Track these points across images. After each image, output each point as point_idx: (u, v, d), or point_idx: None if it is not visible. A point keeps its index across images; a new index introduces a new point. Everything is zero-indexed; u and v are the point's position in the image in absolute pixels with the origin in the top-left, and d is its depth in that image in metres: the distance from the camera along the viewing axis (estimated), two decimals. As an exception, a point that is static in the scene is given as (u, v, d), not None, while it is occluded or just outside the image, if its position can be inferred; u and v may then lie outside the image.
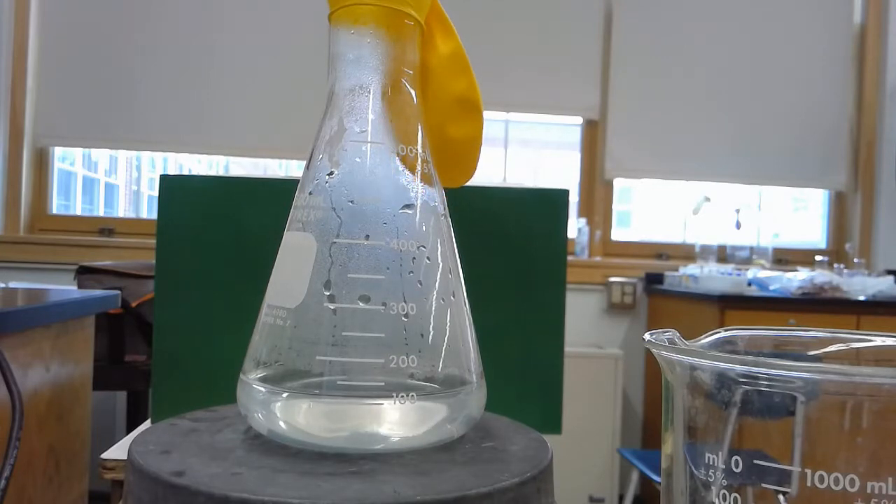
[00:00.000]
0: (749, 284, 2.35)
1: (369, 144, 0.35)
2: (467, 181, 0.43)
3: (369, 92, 0.35)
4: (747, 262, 2.76)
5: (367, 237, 0.33)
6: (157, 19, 2.51)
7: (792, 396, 0.27)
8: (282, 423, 0.33)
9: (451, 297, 0.35)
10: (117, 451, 0.69)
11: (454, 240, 0.37)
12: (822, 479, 0.27)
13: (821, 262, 2.65)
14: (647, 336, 0.31)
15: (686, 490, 0.32)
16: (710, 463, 0.30)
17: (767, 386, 0.27)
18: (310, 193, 0.35)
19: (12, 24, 2.45)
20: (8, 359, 0.70)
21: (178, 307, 0.65)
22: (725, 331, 0.36)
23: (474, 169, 0.42)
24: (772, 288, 2.33)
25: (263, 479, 0.29)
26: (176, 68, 2.52)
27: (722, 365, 0.28)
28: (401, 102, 0.36)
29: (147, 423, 0.70)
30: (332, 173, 0.35)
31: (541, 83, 2.69)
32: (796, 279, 2.30)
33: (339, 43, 0.35)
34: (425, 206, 0.35)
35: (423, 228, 0.34)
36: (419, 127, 0.36)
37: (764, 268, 2.62)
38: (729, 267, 2.51)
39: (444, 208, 0.36)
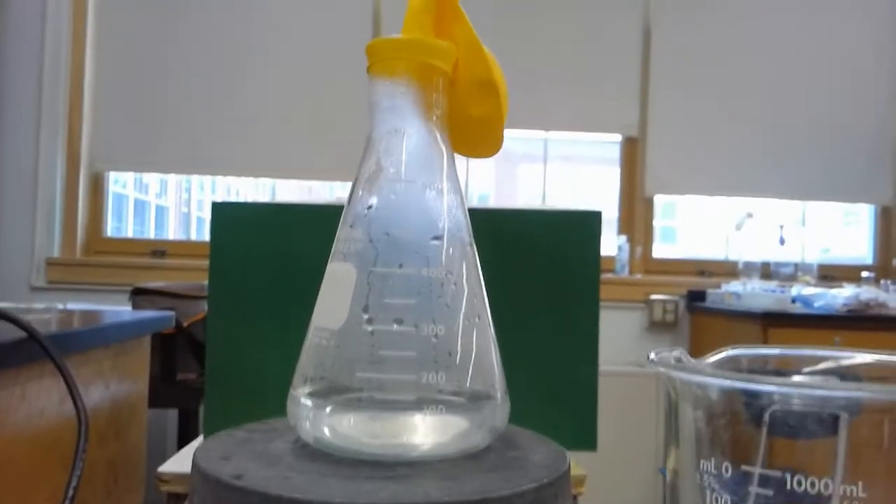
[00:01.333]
0: (793, 301, 2.33)
1: (403, 182, 0.39)
2: (494, 154, 0.46)
3: (403, 135, 0.39)
4: (792, 278, 2.73)
5: (401, 266, 0.37)
6: (205, 47, 2.61)
7: (819, 415, 0.30)
8: (326, 434, 0.36)
9: (477, 319, 0.39)
10: (172, 465, 0.74)
11: (479, 267, 0.40)
12: (856, 493, 0.29)
13: (867, 278, 2.61)
14: (652, 355, 0.34)
15: None
16: (735, 480, 0.32)
17: (799, 406, 0.30)
18: (350, 226, 0.39)
19: (69, 55, 2.56)
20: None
21: (229, 327, 0.70)
22: (731, 349, 0.39)
23: (499, 143, 0.46)
24: (816, 305, 2.31)
25: (311, 482, 0.32)
26: (224, 94, 2.61)
27: (748, 385, 0.30)
28: (431, 143, 0.40)
29: (199, 440, 0.74)
30: (370, 207, 0.39)
31: (580, 101, 2.72)
32: (841, 296, 2.27)
33: (376, 92, 0.40)
34: (452, 237, 0.39)
35: (451, 257, 0.38)
36: (446, 166, 0.40)
37: (808, 284, 2.59)
38: (772, 284, 2.49)
39: (470, 238, 0.40)
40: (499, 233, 0.68)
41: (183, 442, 1.93)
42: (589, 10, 2.72)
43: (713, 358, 0.38)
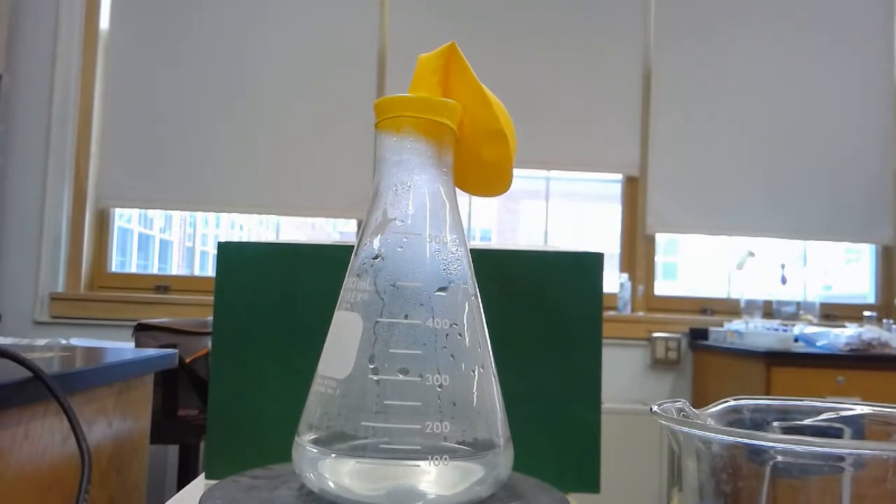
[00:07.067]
0: (795, 340, 2.33)
1: (409, 235, 0.40)
2: (503, 193, 0.48)
3: (409, 188, 0.40)
4: (794, 317, 2.73)
5: (407, 317, 0.38)
6: (209, 86, 2.65)
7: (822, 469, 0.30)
8: (330, 483, 0.37)
9: (481, 369, 0.39)
10: (174, 505, 0.73)
11: (483, 316, 0.41)
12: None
13: (869, 317, 2.61)
14: (655, 407, 0.34)
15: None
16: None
17: (803, 460, 0.30)
18: (357, 276, 0.40)
19: (78, 94, 2.60)
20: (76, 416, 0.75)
21: (233, 368, 0.70)
22: (733, 400, 0.39)
23: (508, 183, 0.48)
24: (819, 344, 2.31)
25: (315, 531, 0.33)
26: (227, 132, 2.64)
27: (751, 442, 0.31)
28: (436, 196, 0.41)
29: (200, 478, 0.74)
30: (377, 258, 0.39)
31: (581, 141, 2.75)
32: (843, 335, 2.27)
33: (383, 147, 0.41)
34: (457, 289, 0.39)
35: (455, 308, 0.39)
36: (450, 218, 0.41)
37: (811, 323, 2.59)
38: (775, 322, 2.49)
39: (475, 289, 0.41)
40: (500, 273, 0.69)
41: (183, 477, 1.92)
42: (590, 51, 2.76)
43: (715, 408, 0.38)
